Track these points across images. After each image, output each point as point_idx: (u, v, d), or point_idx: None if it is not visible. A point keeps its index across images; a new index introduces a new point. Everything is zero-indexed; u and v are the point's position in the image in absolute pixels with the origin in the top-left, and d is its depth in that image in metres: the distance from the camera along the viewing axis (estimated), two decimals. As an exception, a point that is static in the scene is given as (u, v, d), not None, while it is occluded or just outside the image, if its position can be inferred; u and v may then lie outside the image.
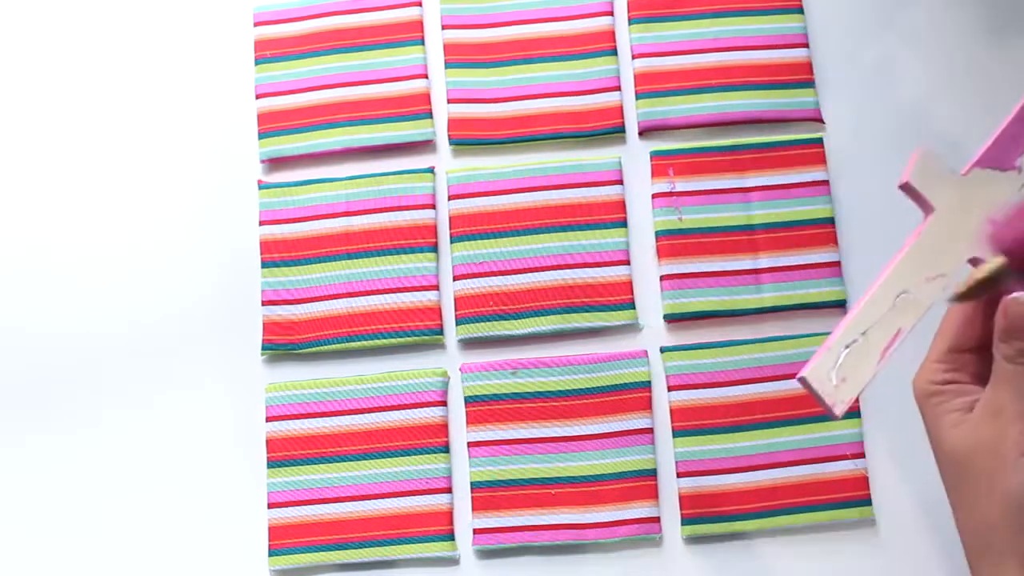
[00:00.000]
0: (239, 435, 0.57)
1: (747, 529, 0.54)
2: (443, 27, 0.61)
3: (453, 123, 0.60)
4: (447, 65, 0.61)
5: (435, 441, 0.56)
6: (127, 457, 0.57)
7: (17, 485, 0.57)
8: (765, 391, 0.56)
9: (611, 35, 0.61)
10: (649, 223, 0.59)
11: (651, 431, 0.56)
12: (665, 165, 0.59)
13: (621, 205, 0.59)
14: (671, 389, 0.56)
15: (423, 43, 0.62)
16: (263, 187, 0.60)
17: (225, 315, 0.59)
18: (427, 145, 0.61)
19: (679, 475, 0.55)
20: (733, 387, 0.56)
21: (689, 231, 0.58)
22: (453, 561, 0.55)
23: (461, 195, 0.59)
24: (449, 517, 0.55)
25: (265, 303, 0.58)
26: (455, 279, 0.58)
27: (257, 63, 0.61)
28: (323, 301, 0.58)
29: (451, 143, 0.60)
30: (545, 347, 0.58)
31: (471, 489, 0.56)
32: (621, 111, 0.60)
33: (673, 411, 0.56)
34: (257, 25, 0.62)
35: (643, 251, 0.59)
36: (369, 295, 0.58)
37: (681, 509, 0.55)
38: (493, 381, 0.57)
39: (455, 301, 0.58)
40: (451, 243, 0.59)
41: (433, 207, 0.59)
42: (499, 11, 0.61)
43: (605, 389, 0.56)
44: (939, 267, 0.39)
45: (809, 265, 0.57)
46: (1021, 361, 0.36)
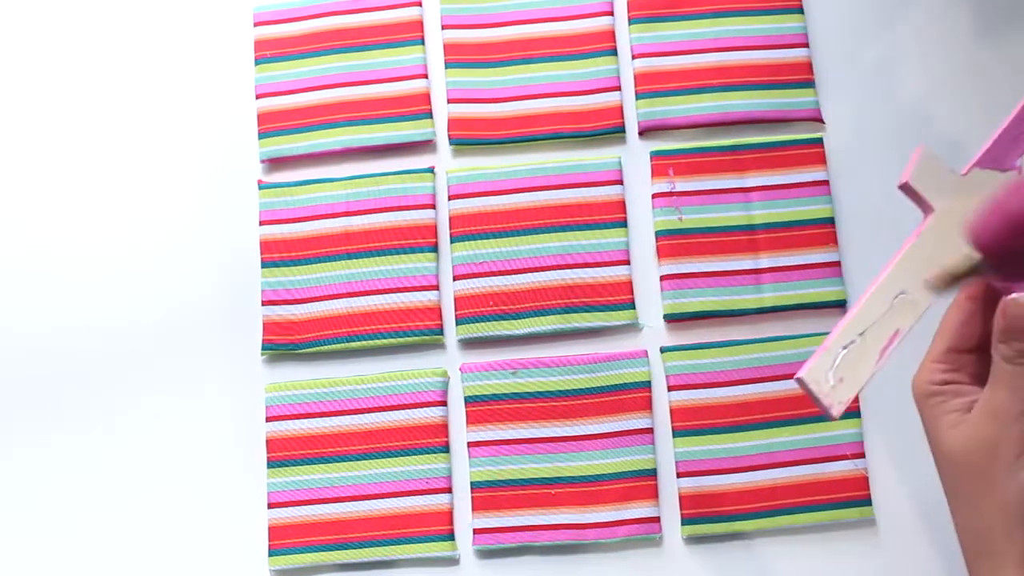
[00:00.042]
0: (239, 435, 0.57)
1: (747, 529, 0.54)
2: (443, 27, 0.61)
3: (453, 123, 0.60)
4: (447, 65, 0.61)
5: (435, 441, 0.56)
6: (127, 457, 0.57)
7: (17, 485, 0.57)
8: (765, 391, 0.56)
9: (611, 35, 0.61)
10: (649, 223, 0.59)
11: (651, 431, 0.56)
12: (665, 165, 0.59)
13: (621, 205, 0.59)
14: (671, 389, 0.56)
15: (423, 43, 0.62)
16: (263, 187, 0.60)
17: (225, 315, 0.59)
18: (427, 145, 0.61)
19: (679, 475, 0.55)
20: (733, 387, 0.56)
21: (689, 231, 0.58)
22: (453, 561, 0.55)
23: (461, 195, 0.59)
24: (449, 517, 0.55)
25: (265, 303, 0.58)
26: (455, 279, 0.58)
27: (257, 63, 0.61)
28: (323, 301, 0.58)
29: (451, 143, 0.60)
30: (545, 347, 0.58)
31: (471, 489, 0.56)
32: (621, 111, 0.60)
33: (673, 411, 0.56)
34: (257, 25, 0.62)
35: (643, 251, 0.59)
36: (369, 295, 0.58)
37: (681, 509, 0.55)
38: (493, 381, 0.57)
39: (455, 301, 0.58)
40: (451, 243, 0.59)
41: (433, 207, 0.59)
42: (499, 11, 0.61)
43: (605, 389, 0.56)
44: (938, 269, 0.39)
45: (809, 265, 0.57)
46: (1020, 362, 0.36)
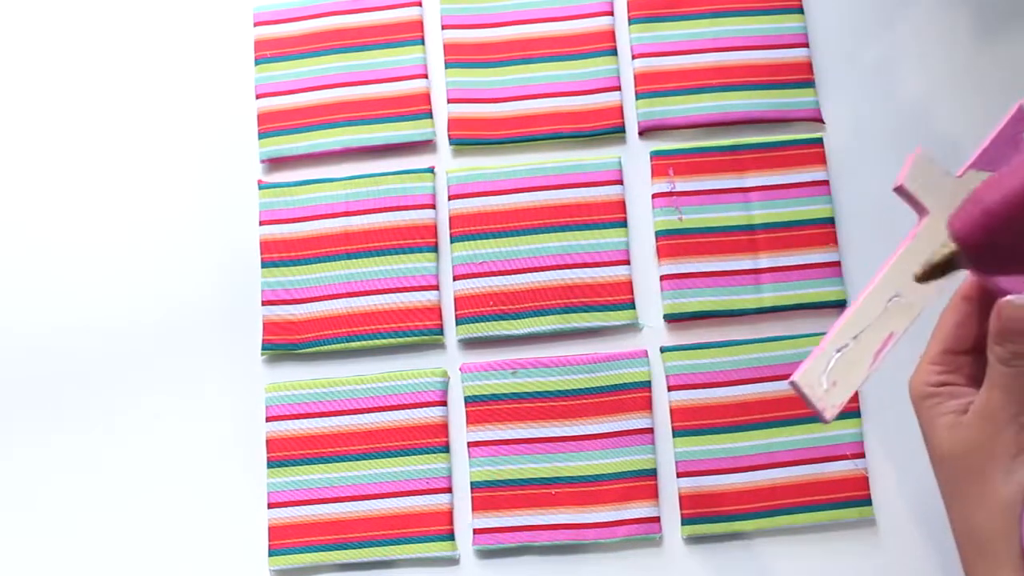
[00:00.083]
0: (239, 435, 0.57)
1: (747, 529, 0.54)
2: (443, 27, 0.61)
3: (453, 123, 0.60)
4: (447, 65, 0.61)
5: (435, 441, 0.56)
6: (127, 457, 0.57)
7: (17, 485, 0.57)
8: (765, 391, 0.56)
9: (611, 35, 0.61)
10: (649, 223, 0.59)
11: (651, 431, 0.56)
12: (665, 165, 0.59)
13: (621, 205, 0.59)
14: (671, 389, 0.56)
15: (423, 43, 0.62)
16: (263, 187, 0.60)
17: (225, 315, 0.59)
18: (427, 145, 0.61)
19: (679, 475, 0.55)
20: (733, 387, 0.56)
21: (689, 231, 0.58)
22: (453, 561, 0.55)
23: (461, 195, 0.59)
24: (449, 517, 0.55)
25: (265, 303, 0.58)
26: (455, 279, 0.58)
27: (257, 63, 0.61)
28: (323, 301, 0.58)
29: (451, 143, 0.60)
30: (545, 347, 0.58)
31: (471, 489, 0.56)
32: (621, 111, 0.60)
33: (673, 411, 0.56)
34: (257, 25, 0.62)
35: (643, 251, 0.59)
36: (369, 295, 0.58)
37: (681, 509, 0.55)
38: (493, 381, 0.57)
39: (455, 301, 0.58)
40: (451, 243, 0.59)
41: (433, 207, 0.59)
42: (499, 11, 0.61)
43: (605, 389, 0.56)
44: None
45: (809, 265, 0.57)
46: (1015, 364, 0.36)
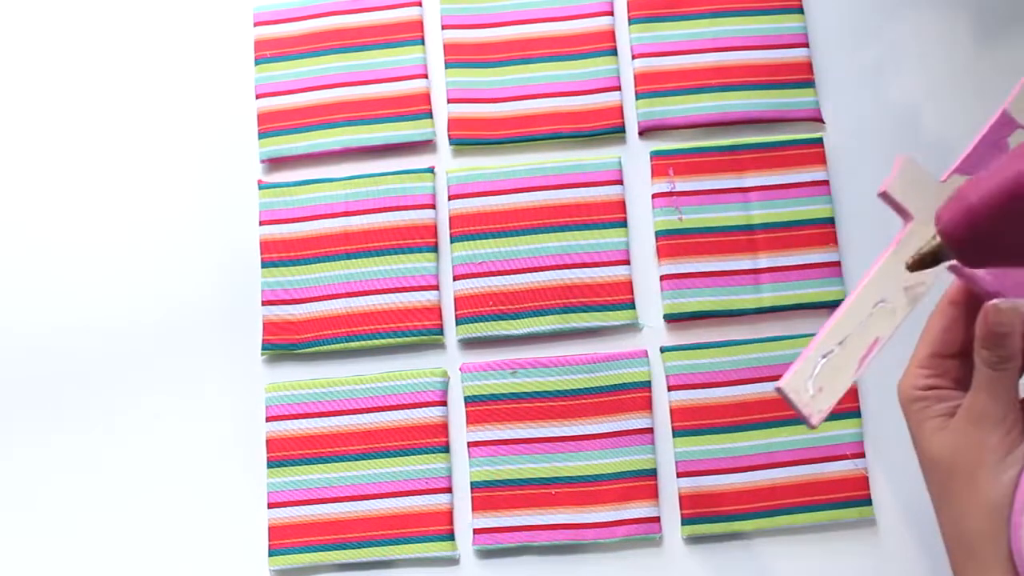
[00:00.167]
0: (239, 435, 0.57)
1: (747, 529, 0.54)
2: (443, 27, 0.61)
3: (453, 123, 0.60)
4: (447, 65, 0.61)
5: (435, 441, 0.56)
6: (127, 457, 0.57)
7: (17, 485, 0.57)
8: (765, 391, 0.56)
9: (611, 35, 0.61)
10: (649, 223, 0.59)
11: (651, 431, 0.56)
12: (665, 165, 0.59)
13: (621, 205, 0.59)
14: (671, 389, 0.56)
15: (423, 43, 0.62)
16: (263, 187, 0.60)
17: (225, 315, 0.59)
18: (427, 145, 0.61)
19: (679, 475, 0.55)
20: (733, 387, 0.56)
21: (689, 231, 0.58)
22: (453, 561, 0.55)
23: (461, 195, 0.59)
24: (449, 517, 0.55)
25: (265, 303, 0.58)
26: (455, 279, 0.58)
27: (257, 63, 0.61)
28: (323, 301, 0.58)
29: (451, 143, 0.60)
30: (545, 347, 0.58)
31: (471, 489, 0.56)
32: (621, 111, 0.60)
33: (673, 411, 0.56)
34: (257, 25, 0.62)
35: (643, 251, 0.59)
36: (369, 295, 0.58)
37: (681, 509, 0.55)
38: (493, 381, 0.57)
39: (455, 301, 0.58)
40: (451, 243, 0.59)
41: (433, 207, 0.59)
42: (499, 11, 0.61)
43: (605, 389, 0.56)
44: (917, 276, 0.39)
45: (808, 265, 0.57)
46: (1001, 367, 0.37)
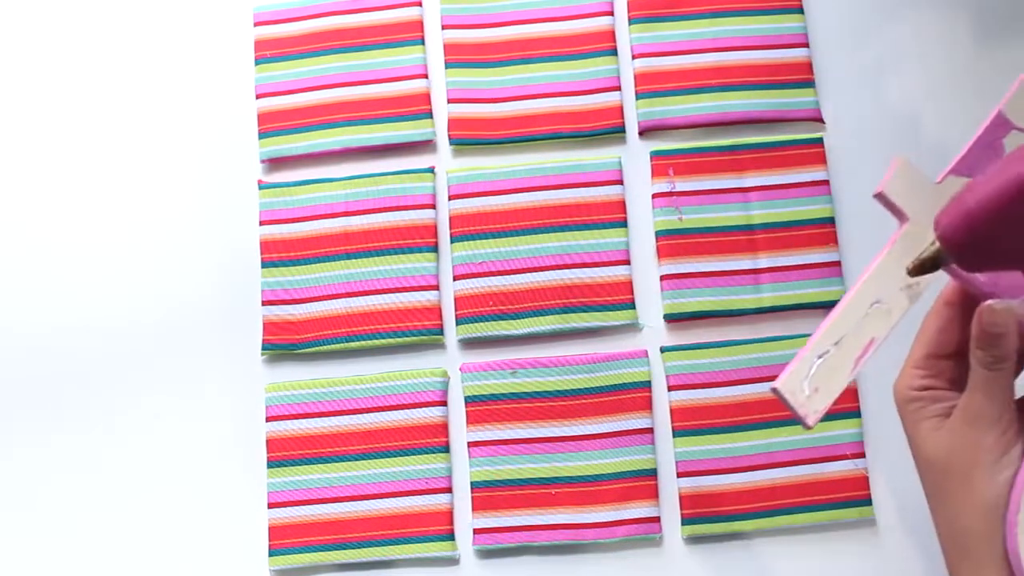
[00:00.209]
0: (239, 435, 0.57)
1: (747, 529, 0.54)
2: (443, 27, 0.61)
3: (453, 123, 0.60)
4: (447, 65, 0.61)
5: (435, 441, 0.56)
6: (127, 457, 0.57)
7: (17, 485, 0.57)
8: (765, 391, 0.56)
9: (611, 35, 0.61)
10: (649, 223, 0.59)
11: (651, 431, 0.56)
12: (665, 165, 0.59)
13: (621, 205, 0.59)
14: (671, 389, 0.56)
15: (423, 43, 0.62)
16: (263, 187, 0.60)
17: (225, 315, 0.59)
18: (427, 145, 0.61)
19: (679, 475, 0.55)
20: (733, 387, 0.56)
21: (689, 231, 0.58)
22: (453, 561, 0.55)
23: (461, 195, 0.59)
24: (449, 517, 0.55)
25: (265, 303, 0.58)
26: (455, 279, 0.58)
27: (257, 63, 0.61)
28: (323, 301, 0.58)
29: (451, 143, 0.60)
30: (545, 347, 0.58)
31: (471, 489, 0.56)
32: (621, 111, 0.60)
33: (673, 411, 0.56)
34: (257, 25, 0.62)
35: (643, 251, 0.59)
36: (369, 295, 0.58)
37: (681, 509, 0.55)
38: (493, 381, 0.57)
39: (455, 301, 0.58)
40: (451, 243, 0.59)
41: (433, 207, 0.59)
42: (499, 11, 0.61)
43: (605, 389, 0.56)
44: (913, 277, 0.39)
45: (808, 265, 0.57)
46: (996, 367, 0.37)
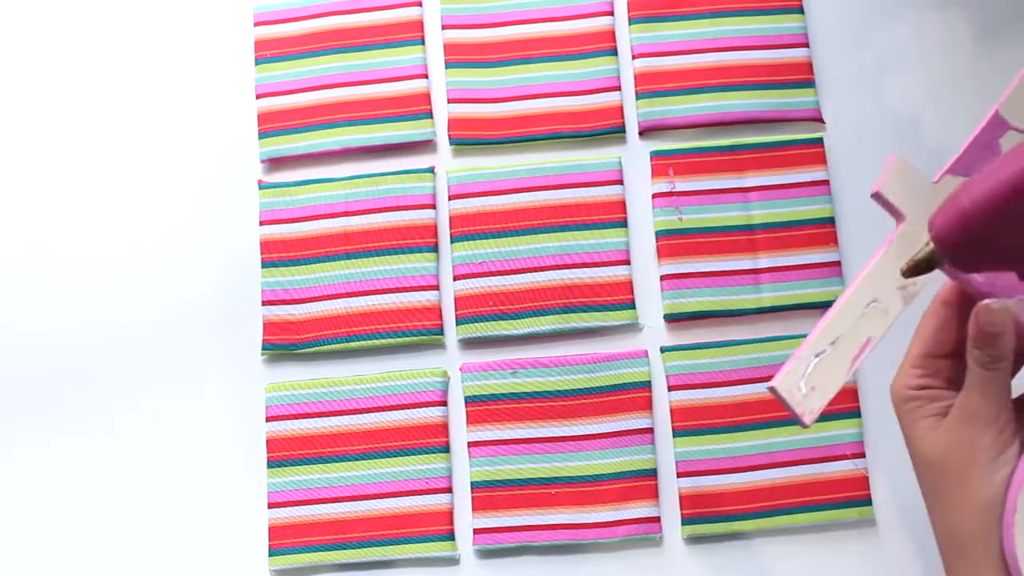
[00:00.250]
0: (239, 435, 0.57)
1: (747, 529, 0.54)
2: (443, 27, 0.61)
3: (453, 123, 0.60)
4: (447, 65, 0.61)
5: (435, 441, 0.56)
6: (127, 457, 0.57)
7: (17, 485, 0.57)
8: (765, 391, 0.55)
9: (611, 35, 0.61)
10: (649, 223, 0.59)
11: (651, 431, 0.56)
12: (665, 165, 0.59)
13: (621, 205, 0.59)
14: (671, 389, 0.56)
15: (423, 43, 0.62)
16: (263, 187, 0.60)
17: (225, 315, 0.59)
18: (427, 145, 0.61)
19: (679, 475, 0.55)
20: (733, 387, 0.56)
21: (689, 231, 0.58)
22: (453, 561, 0.55)
23: (461, 195, 0.59)
24: (449, 517, 0.55)
25: (265, 303, 0.58)
26: (455, 279, 0.58)
27: (257, 63, 0.61)
28: (323, 301, 0.58)
29: (451, 143, 0.60)
30: (545, 347, 0.58)
31: (471, 489, 0.56)
32: (621, 111, 0.60)
33: (673, 411, 0.56)
34: (257, 25, 0.62)
35: (643, 251, 0.59)
36: (369, 295, 0.58)
37: (681, 509, 0.55)
38: (493, 381, 0.57)
39: (455, 301, 0.58)
40: (451, 243, 0.59)
41: (433, 207, 0.59)
42: (499, 11, 0.61)
43: (605, 389, 0.56)
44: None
45: (809, 265, 0.57)
46: (993, 367, 0.37)
